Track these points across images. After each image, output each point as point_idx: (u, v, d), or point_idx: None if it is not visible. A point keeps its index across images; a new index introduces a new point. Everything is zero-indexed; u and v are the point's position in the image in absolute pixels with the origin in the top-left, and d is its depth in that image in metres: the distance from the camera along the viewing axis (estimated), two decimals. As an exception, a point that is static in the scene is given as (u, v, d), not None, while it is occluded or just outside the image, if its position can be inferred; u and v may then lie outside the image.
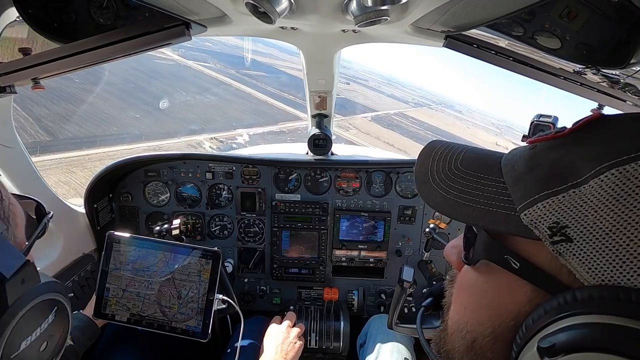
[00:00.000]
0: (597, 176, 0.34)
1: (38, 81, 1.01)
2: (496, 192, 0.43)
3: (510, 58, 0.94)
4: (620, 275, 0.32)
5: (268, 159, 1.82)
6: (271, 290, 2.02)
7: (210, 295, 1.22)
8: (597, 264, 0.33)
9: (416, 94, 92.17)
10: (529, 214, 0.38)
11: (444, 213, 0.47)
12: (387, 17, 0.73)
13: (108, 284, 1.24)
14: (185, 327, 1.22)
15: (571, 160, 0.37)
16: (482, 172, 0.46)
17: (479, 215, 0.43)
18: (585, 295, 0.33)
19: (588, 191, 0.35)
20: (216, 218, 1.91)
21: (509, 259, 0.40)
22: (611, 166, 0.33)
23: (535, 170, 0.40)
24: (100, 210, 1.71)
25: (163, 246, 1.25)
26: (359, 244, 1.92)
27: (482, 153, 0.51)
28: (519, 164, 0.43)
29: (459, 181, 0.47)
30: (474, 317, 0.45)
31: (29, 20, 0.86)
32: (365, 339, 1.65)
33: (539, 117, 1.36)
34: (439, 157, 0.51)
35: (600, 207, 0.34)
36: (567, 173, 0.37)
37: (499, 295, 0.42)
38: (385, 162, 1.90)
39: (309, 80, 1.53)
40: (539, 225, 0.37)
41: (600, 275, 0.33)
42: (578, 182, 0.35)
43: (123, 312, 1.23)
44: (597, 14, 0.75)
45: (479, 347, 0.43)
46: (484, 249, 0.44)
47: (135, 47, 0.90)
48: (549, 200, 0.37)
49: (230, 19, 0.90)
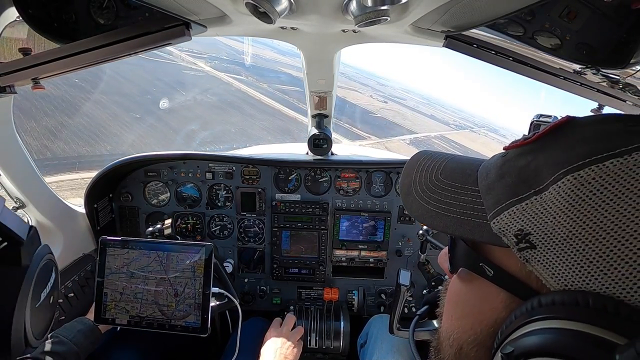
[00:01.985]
0: (555, 182, 0.34)
1: (38, 81, 1.01)
2: (471, 202, 0.44)
3: (510, 58, 0.94)
4: (580, 280, 0.32)
5: (268, 159, 1.82)
6: (271, 290, 2.02)
7: (206, 290, 1.23)
8: (559, 269, 0.34)
9: (457, 116, 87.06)
10: (497, 222, 0.39)
11: (425, 224, 0.48)
12: (387, 17, 0.73)
13: (105, 289, 1.25)
14: (185, 324, 1.23)
15: (536, 167, 0.37)
16: (459, 182, 0.47)
17: (455, 224, 0.43)
18: (548, 301, 0.33)
19: (548, 198, 0.35)
20: (216, 218, 1.91)
21: (484, 267, 0.41)
22: (567, 172, 0.34)
23: (505, 178, 0.40)
24: (100, 210, 1.71)
25: (155, 246, 1.26)
26: (359, 244, 1.92)
27: (462, 161, 0.51)
28: (491, 172, 0.43)
29: (438, 192, 0.48)
30: (459, 325, 0.45)
31: (29, 20, 0.86)
32: (366, 339, 1.65)
33: (539, 117, 1.36)
34: (422, 168, 0.52)
35: (559, 213, 0.34)
36: (531, 180, 0.37)
37: (479, 302, 0.43)
38: (385, 162, 1.90)
39: (309, 80, 1.52)
40: (507, 233, 0.38)
41: (563, 281, 0.34)
42: (540, 188, 0.36)
43: (123, 315, 1.24)
44: (597, 13, 0.75)
45: (465, 355, 0.44)
46: (462, 258, 0.45)
47: (135, 47, 0.90)
48: (514, 208, 0.37)
49: (230, 19, 0.90)
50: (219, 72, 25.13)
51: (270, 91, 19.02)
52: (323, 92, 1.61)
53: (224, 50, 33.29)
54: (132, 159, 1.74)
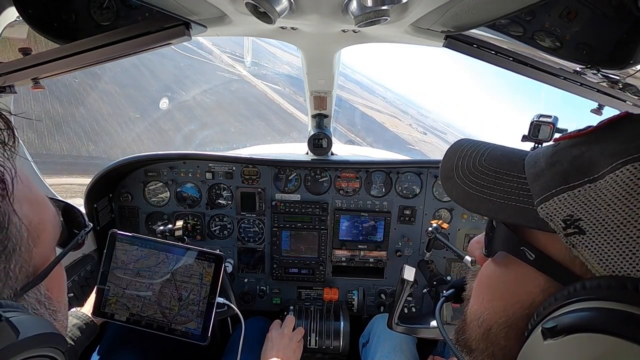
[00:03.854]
0: (612, 172, 0.35)
1: (38, 81, 1.01)
2: (516, 187, 0.45)
3: (510, 58, 0.94)
4: (630, 266, 0.33)
5: (268, 159, 1.82)
6: (271, 290, 2.02)
7: (212, 299, 1.21)
8: (608, 255, 0.34)
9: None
10: (545, 208, 0.39)
11: (465, 207, 0.49)
12: (387, 17, 0.73)
13: (109, 283, 1.23)
14: (185, 329, 1.21)
15: (590, 157, 0.38)
16: (504, 169, 0.48)
17: (498, 208, 0.45)
18: (594, 284, 0.34)
19: (603, 186, 0.35)
20: (216, 218, 1.91)
21: (525, 251, 0.42)
22: (627, 162, 0.34)
23: (556, 166, 0.41)
24: (100, 210, 1.71)
25: (166, 247, 1.24)
26: (359, 244, 1.91)
27: (507, 151, 0.52)
28: (541, 160, 0.44)
29: (481, 177, 0.49)
30: (490, 307, 0.47)
31: (29, 20, 0.86)
32: (368, 339, 1.65)
33: (539, 116, 1.37)
34: (464, 154, 0.53)
35: (614, 200, 0.34)
36: (585, 169, 0.38)
37: (515, 286, 0.44)
38: (385, 162, 1.90)
39: (309, 80, 1.52)
40: (554, 218, 0.38)
41: (610, 267, 0.34)
42: (594, 177, 0.36)
43: (123, 311, 1.23)
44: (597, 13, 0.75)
45: (494, 335, 0.45)
46: (502, 241, 0.46)
47: (135, 47, 0.90)
48: (565, 194, 0.38)
49: (230, 19, 0.90)
50: (255, 78, 22.77)
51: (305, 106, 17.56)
52: (323, 92, 1.61)
53: (265, 57, 31.12)
54: (132, 158, 1.74)
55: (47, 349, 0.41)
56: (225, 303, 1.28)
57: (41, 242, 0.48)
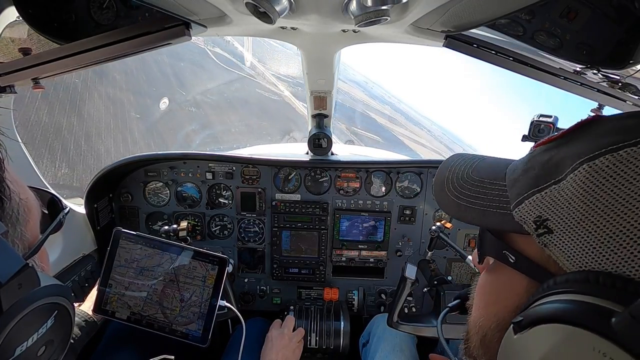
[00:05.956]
0: (573, 172, 0.37)
1: (38, 81, 1.01)
2: (497, 195, 0.47)
3: (510, 58, 0.94)
4: (593, 260, 0.35)
5: (268, 159, 1.82)
6: (271, 290, 2.02)
7: (214, 302, 1.21)
8: (573, 252, 0.36)
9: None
10: (519, 211, 0.42)
11: (455, 216, 0.52)
12: (387, 17, 0.73)
13: (111, 281, 1.22)
14: (186, 331, 1.21)
15: (557, 160, 0.40)
16: (489, 178, 0.51)
17: (482, 216, 0.47)
18: (562, 280, 0.36)
19: (565, 186, 0.37)
20: (216, 218, 1.91)
21: (507, 254, 0.44)
22: (584, 162, 0.36)
23: (529, 172, 0.43)
24: (100, 211, 1.71)
25: (170, 247, 1.24)
26: (359, 244, 1.91)
27: (494, 162, 0.55)
28: (518, 167, 0.47)
29: (468, 187, 0.52)
30: (485, 313, 0.49)
31: (29, 20, 0.86)
32: (369, 339, 1.65)
33: (539, 116, 1.36)
34: (455, 168, 0.57)
35: (573, 199, 0.36)
36: (552, 171, 0.40)
37: (504, 290, 0.46)
38: (385, 162, 1.90)
39: (309, 80, 1.52)
40: (527, 220, 0.41)
41: (577, 262, 0.36)
42: (559, 178, 0.38)
43: (124, 310, 1.22)
44: (597, 13, 0.75)
45: (489, 340, 0.47)
46: (488, 247, 0.49)
47: (135, 47, 0.90)
48: (534, 197, 0.40)
49: (230, 19, 0.90)
50: (298, 100, 20.58)
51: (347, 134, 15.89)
52: (323, 92, 1.61)
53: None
54: (132, 158, 1.74)
55: (59, 298, 0.53)
56: (226, 305, 1.28)
57: (32, 217, 0.57)
